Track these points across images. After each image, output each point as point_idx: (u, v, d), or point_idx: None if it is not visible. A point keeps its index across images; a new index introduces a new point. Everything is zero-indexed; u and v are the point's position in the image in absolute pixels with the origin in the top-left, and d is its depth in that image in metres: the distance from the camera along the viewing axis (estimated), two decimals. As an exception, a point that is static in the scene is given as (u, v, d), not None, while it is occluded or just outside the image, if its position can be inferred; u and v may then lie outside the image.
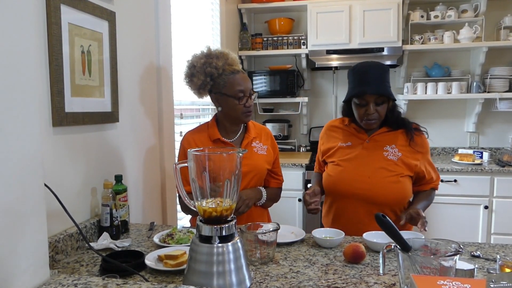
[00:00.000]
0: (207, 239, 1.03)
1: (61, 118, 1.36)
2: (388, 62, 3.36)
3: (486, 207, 3.06)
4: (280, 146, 3.60)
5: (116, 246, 1.39)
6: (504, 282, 0.87)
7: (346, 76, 1.76)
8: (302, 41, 3.60)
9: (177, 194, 2.08)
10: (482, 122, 3.63)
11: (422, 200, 1.70)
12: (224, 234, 1.03)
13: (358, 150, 1.71)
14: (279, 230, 1.31)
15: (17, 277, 0.85)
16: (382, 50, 3.40)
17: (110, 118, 1.65)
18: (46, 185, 1.00)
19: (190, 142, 1.72)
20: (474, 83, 3.43)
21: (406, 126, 1.72)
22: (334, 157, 1.76)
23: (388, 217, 1.06)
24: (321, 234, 1.45)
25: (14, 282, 0.84)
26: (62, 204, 1.15)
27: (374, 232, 1.43)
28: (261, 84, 3.61)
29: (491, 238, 3.08)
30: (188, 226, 1.81)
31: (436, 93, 3.45)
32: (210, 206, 1.05)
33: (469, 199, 3.09)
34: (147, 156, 1.99)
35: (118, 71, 1.69)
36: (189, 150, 1.07)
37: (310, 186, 1.81)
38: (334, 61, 3.51)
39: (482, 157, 3.26)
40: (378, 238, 1.39)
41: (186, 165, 1.07)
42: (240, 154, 1.06)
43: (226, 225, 1.04)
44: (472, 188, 3.08)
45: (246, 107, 1.67)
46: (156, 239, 1.43)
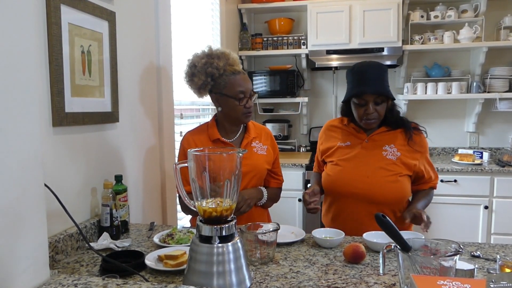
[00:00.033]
0: (207, 239, 1.03)
1: (61, 118, 1.36)
2: (388, 62, 3.36)
3: (486, 207, 3.06)
4: (280, 146, 3.60)
5: (116, 246, 1.39)
6: (504, 282, 0.87)
7: (346, 76, 1.76)
8: (302, 41, 3.60)
9: (177, 194, 2.08)
10: (482, 122, 3.63)
11: (421, 199, 1.70)
12: (224, 234, 1.03)
13: (357, 150, 1.71)
14: (279, 230, 1.31)
15: (17, 277, 0.85)
16: (382, 50, 3.40)
17: (110, 118, 1.65)
18: (46, 185, 1.00)
19: (190, 142, 1.72)
20: (474, 83, 3.43)
21: (405, 125, 1.72)
22: (333, 156, 1.76)
23: (387, 216, 1.06)
24: (321, 234, 1.45)
25: (14, 282, 0.84)
26: (62, 204, 1.15)
27: (374, 232, 1.43)
28: (261, 84, 3.61)
29: (491, 238, 3.08)
30: (188, 226, 1.81)
31: (436, 93, 3.45)
32: (210, 206, 1.06)
33: (469, 199, 3.09)
34: (147, 156, 1.99)
35: (118, 71, 1.69)
36: (189, 150, 1.07)
37: (309, 185, 1.81)
38: (334, 61, 3.51)
39: (482, 157, 3.26)
40: (378, 238, 1.39)
41: (186, 165, 1.07)
42: (240, 154, 1.06)
43: (226, 225, 1.04)
44: (472, 188, 3.08)
45: (246, 108, 1.67)
46: (156, 239, 1.43)
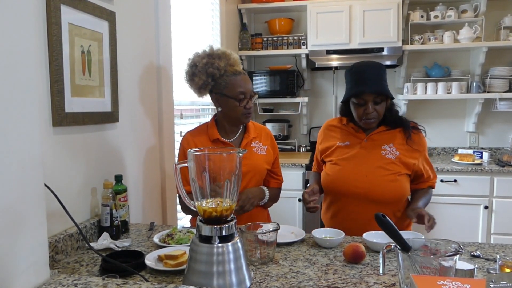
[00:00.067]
0: (207, 239, 1.03)
1: (61, 118, 1.36)
2: (388, 62, 3.36)
3: (486, 207, 3.06)
4: (280, 146, 3.60)
5: (116, 246, 1.39)
6: (504, 282, 0.88)
7: (344, 76, 1.76)
8: (302, 41, 3.60)
9: (177, 194, 2.08)
10: (482, 122, 3.63)
11: (421, 198, 1.71)
12: (224, 234, 1.03)
13: (356, 149, 1.72)
14: (279, 230, 1.31)
15: (17, 277, 0.85)
16: (382, 50, 3.40)
17: (110, 118, 1.65)
18: (46, 185, 1.00)
19: (190, 142, 1.72)
20: (474, 83, 3.43)
21: (404, 124, 1.72)
22: (332, 156, 1.76)
23: (387, 216, 1.06)
24: (321, 234, 1.45)
25: (14, 282, 0.84)
26: (62, 204, 1.15)
27: (374, 232, 1.43)
28: (261, 84, 3.61)
29: (491, 238, 3.08)
30: (188, 226, 1.81)
31: (436, 93, 3.45)
32: (210, 206, 1.06)
33: (469, 199, 3.09)
34: (147, 156, 1.99)
35: (118, 71, 1.69)
36: (189, 150, 1.07)
37: (309, 185, 1.81)
38: (334, 61, 3.51)
39: (482, 157, 3.26)
40: (378, 238, 1.39)
41: (186, 165, 1.07)
42: (240, 154, 1.06)
43: (226, 225, 1.04)
44: (472, 188, 3.08)
45: (246, 109, 1.67)
46: (156, 239, 1.43)
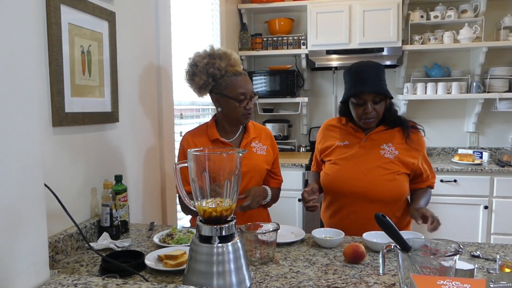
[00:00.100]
0: (207, 239, 1.03)
1: (61, 118, 1.36)
2: (388, 62, 3.36)
3: (486, 207, 3.06)
4: (280, 146, 3.60)
5: (116, 246, 1.39)
6: (504, 282, 0.88)
7: (343, 76, 1.76)
8: (302, 41, 3.60)
9: (177, 194, 2.08)
10: (482, 122, 3.63)
11: (422, 197, 1.71)
12: (224, 234, 1.03)
13: (355, 149, 1.72)
14: (279, 230, 1.31)
15: (17, 277, 0.85)
16: (382, 50, 3.40)
17: (110, 118, 1.65)
18: (46, 185, 1.00)
19: (190, 142, 1.72)
20: (474, 83, 3.43)
21: (403, 124, 1.73)
22: (331, 156, 1.77)
23: (386, 216, 1.06)
24: (321, 234, 1.45)
25: (14, 282, 0.84)
26: (62, 204, 1.15)
27: (374, 232, 1.43)
28: (261, 84, 3.61)
29: (491, 238, 3.08)
30: (188, 226, 1.81)
31: (436, 93, 3.45)
32: (210, 206, 1.06)
33: (469, 199, 3.09)
34: (147, 156, 1.99)
35: (118, 71, 1.69)
36: (189, 150, 1.07)
37: (308, 184, 1.82)
38: (334, 61, 3.51)
39: (482, 157, 3.26)
40: (378, 238, 1.39)
41: (186, 165, 1.07)
42: (240, 154, 1.06)
43: (226, 225, 1.04)
44: (472, 188, 3.08)
45: (246, 109, 1.67)
46: (156, 239, 1.43)
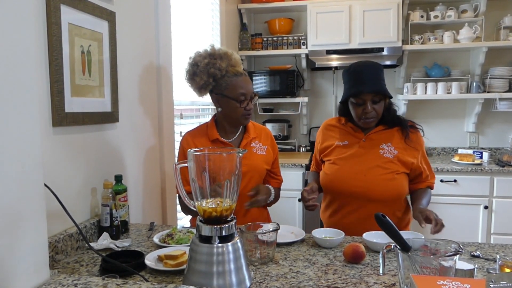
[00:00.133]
0: (207, 239, 1.03)
1: (61, 118, 1.36)
2: (388, 62, 3.36)
3: (486, 207, 3.06)
4: (280, 146, 3.60)
5: (116, 246, 1.39)
6: (504, 282, 0.88)
7: (342, 76, 1.76)
8: (302, 41, 3.60)
9: (177, 194, 2.08)
10: (482, 122, 3.63)
11: (423, 197, 1.70)
12: (224, 234, 1.03)
13: (355, 149, 1.72)
14: (279, 230, 1.31)
15: (17, 277, 0.85)
16: (382, 50, 3.40)
17: (110, 118, 1.65)
18: (46, 185, 1.00)
19: (189, 142, 1.72)
20: (474, 83, 3.43)
21: (402, 123, 1.73)
22: (331, 155, 1.77)
23: (385, 215, 1.06)
24: (321, 234, 1.45)
25: (14, 282, 0.84)
26: (62, 204, 1.15)
27: (374, 232, 1.43)
28: (261, 84, 3.61)
29: (491, 238, 3.08)
30: (188, 226, 1.81)
31: (436, 93, 3.45)
32: (210, 206, 1.06)
33: (469, 199, 3.09)
34: (147, 156, 1.99)
35: (118, 71, 1.69)
36: (189, 150, 1.07)
37: (308, 183, 1.82)
38: (334, 61, 3.51)
39: (482, 157, 3.26)
40: (378, 238, 1.39)
41: (186, 165, 1.07)
42: (240, 154, 1.06)
43: (226, 225, 1.04)
44: (472, 188, 3.08)
45: (247, 110, 1.67)
46: (156, 239, 1.43)
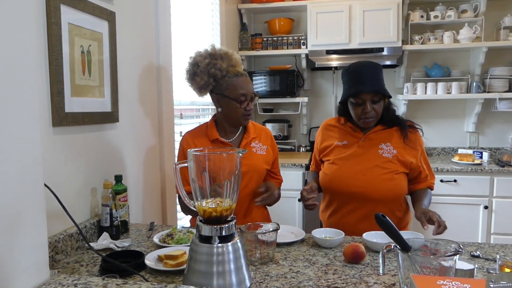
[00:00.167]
0: (207, 239, 1.03)
1: (61, 118, 1.36)
2: (388, 62, 3.36)
3: (486, 207, 3.06)
4: (280, 146, 3.59)
5: (116, 246, 1.39)
6: (504, 282, 0.88)
7: (341, 77, 1.76)
8: (302, 41, 3.60)
9: (177, 194, 2.08)
10: (482, 122, 3.63)
11: (424, 198, 1.70)
12: (224, 234, 1.03)
13: (354, 149, 1.72)
14: (279, 230, 1.31)
15: (17, 277, 0.85)
16: (382, 50, 3.40)
17: (110, 118, 1.65)
18: (46, 185, 1.00)
19: (189, 142, 1.72)
20: (474, 83, 3.43)
21: (401, 123, 1.73)
22: (330, 155, 1.77)
23: (385, 215, 1.06)
24: (321, 234, 1.45)
25: (14, 282, 0.84)
26: (62, 204, 1.15)
27: (374, 232, 1.43)
28: (261, 84, 3.61)
29: (491, 238, 3.08)
30: (188, 226, 1.81)
31: (436, 93, 3.45)
32: (210, 206, 1.06)
33: (469, 199, 3.09)
34: (147, 156, 1.99)
35: (118, 71, 1.69)
36: (189, 150, 1.07)
37: (307, 183, 1.82)
38: (334, 61, 3.51)
39: (482, 157, 3.26)
40: (378, 238, 1.39)
41: (186, 165, 1.07)
42: (240, 154, 1.06)
43: (226, 225, 1.04)
44: (472, 188, 3.08)
45: (247, 110, 1.67)
46: (156, 239, 1.43)
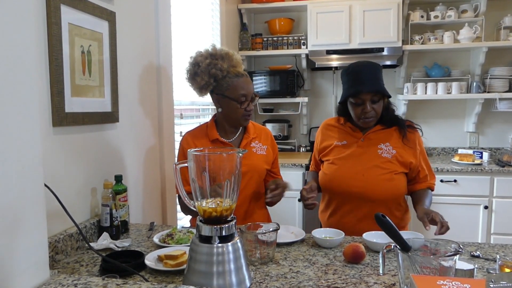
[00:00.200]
0: (207, 239, 1.03)
1: (61, 118, 1.36)
2: (388, 62, 3.36)
3: (486, 207, 3.06)
4: (280, 146, 3.60)
5: (116, 246, 1.39)
6: (503, 282, 0.88)
7: (341, 77, 1.76)
8: (302, 41, 3.60)
9: (177, 194, 2.08)
10: (482, 122, 3.63)
11: (425, 198, 1.70)
12: (224, 234, 1.03)
13: (353, 149, 1.73)
14: (279, 230, 1.32)
15: (17, 277, 0.85)
16: (382, 50, 3.40)
17: (110, 118, 1.65)
18: (46, 185, 1.00)
19: (189, 142, 1.72)
20: (474, 83, 3.43)
21: (400, 123, 1.73)
22: (329, 155, 1.77)
23: (385, 215, 1.06)
24: (321, 234, 1.45)
25: (14, 282, 0.84)
26: (62, 204, 1.15)
27: (374, 232, 1.43)
28: (261, 84, 3.61)
29: (491, 238, 3.08)
30: (188, 226, 1.81)
31: (436, 93, 3.45)
32: (210, 206, 1.06)
33: (469, 199, 3.09)
34: (147, 156, 1.99)
35: (118, 71, 1.69)
36: (189, 150, 1.07)
37: (307, 182, 1.82)
38: (334, 61, 3.51)
39: (482, 157, 3.26)
40: (378, 238, 1.39)
41: (186, 165, 1.07)
42: (240, 154, 1.06)
43: (226, 225, 1.04)
44: (472, 188, 3.08)
45: (247, 111, 1.67)
46: (156, 239, 1.43)
